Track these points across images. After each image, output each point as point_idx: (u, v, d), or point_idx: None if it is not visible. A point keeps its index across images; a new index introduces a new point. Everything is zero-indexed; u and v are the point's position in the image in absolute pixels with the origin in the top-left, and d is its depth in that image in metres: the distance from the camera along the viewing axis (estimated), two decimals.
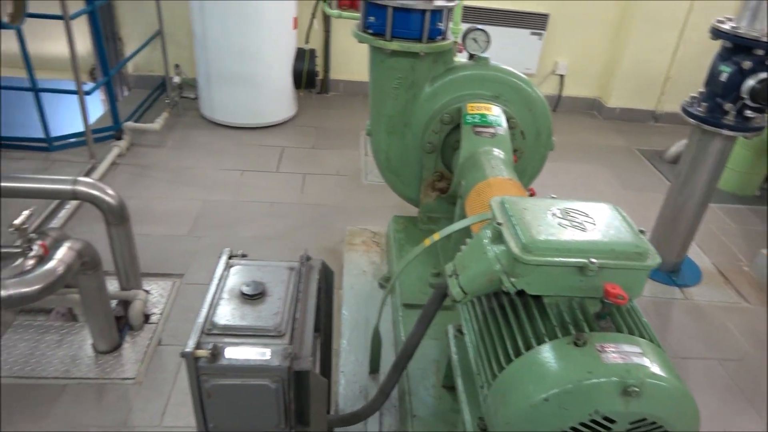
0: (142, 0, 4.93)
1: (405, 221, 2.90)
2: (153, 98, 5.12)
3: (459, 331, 1.78)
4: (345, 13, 3.44)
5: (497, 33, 2.97)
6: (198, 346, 1.35)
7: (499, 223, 1.30)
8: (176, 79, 4.84)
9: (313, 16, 4.88)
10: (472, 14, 5.10)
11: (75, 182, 2.46)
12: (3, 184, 2.46)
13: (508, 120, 2.40)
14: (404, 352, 1.57)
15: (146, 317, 2.74)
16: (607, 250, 1.21)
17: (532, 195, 2.54)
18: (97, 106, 4.93)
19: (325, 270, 1.71)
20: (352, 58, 5.40)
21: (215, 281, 1.56)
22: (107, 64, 4.23)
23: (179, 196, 3.72)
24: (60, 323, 2.69)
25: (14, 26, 3.03)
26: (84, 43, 4.90)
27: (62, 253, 2.09)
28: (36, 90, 3.90)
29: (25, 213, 2.30)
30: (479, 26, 2.49)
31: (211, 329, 1.39)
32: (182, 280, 3.00)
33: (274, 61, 4.57)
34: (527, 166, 2.63)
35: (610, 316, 1.26)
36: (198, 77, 4.74)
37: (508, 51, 5.01)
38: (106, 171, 3.89)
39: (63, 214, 3.31)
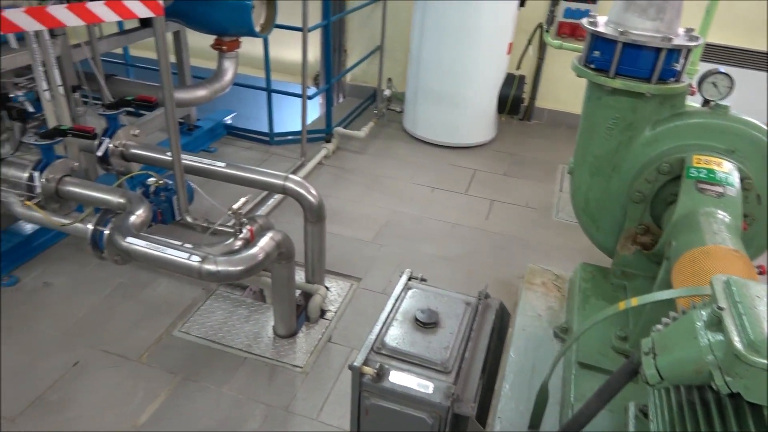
0: (370, 17, 5.31)
1: (594, 271, 2.67)
2: (363, 107, 5.48)
3: (642, 412, 1.56)
4: (566, 44, 3.29)
5: (740, 75, 2.58)
6: (366, 362, 1.36)
7: (720, 308, 1.10)
8: (387, 92, 5.12)
9: (529, 42, 4.79)
10: (713, 54, 4.53)
11: (286, 179, 2.72)
12: (229, 171, 2.82)
13: (742, 180, 2.06)
14: (575, 421, 1.42)
15: (322, 312, 2.91)
16: None
17: (761, 273, 2.16)
18: (314, 109, 5.43)
19: (502, 312, 1.63)
20: (561, 86, 5.18)
21: (392, 300, 1.57)
22: (330, 73, 4.63)
23: (371, 203, 3.91)
24: (251, 300, 2.99)
25: (263, 35, 3.46)
26: (313, 52, 5.44)
27: (264, 241, 2.31)
28: (269, 91, 4.42)
29: (242, 200, 2.59)
30: (721, 69, 2.18)
31: (381, 348, 1.40)
32: (359, 283, 3.13)
33: (482, 83, 4.58)
34: (756, 235, 2.24)
35: None
36: (406, 92, 4.95)
37: (752, 98, 4.36)
38: (313, 169, 4.25)
39: (271, 202, 3.69)
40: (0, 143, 2.84)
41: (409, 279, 1.69)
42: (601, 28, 2.14)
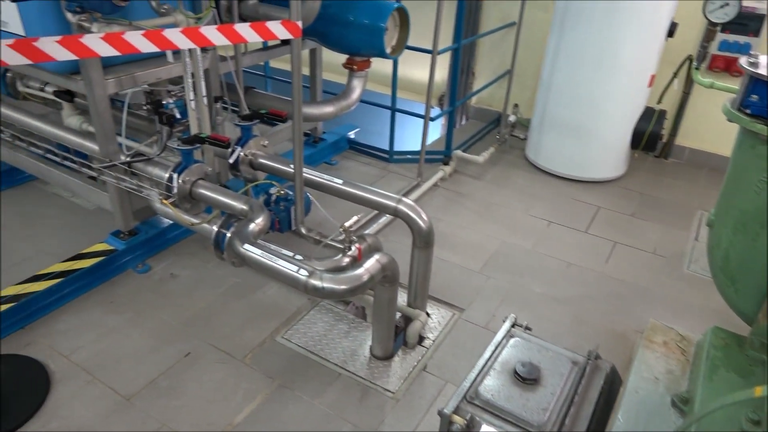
0: (502, 40, 5.23)
1: (728, 338, 2.36)
2: (485, 131, 5.39)
3: None
4: (718, 84, 2.99)
5: None
6: (457, 410, 1.30)
7: None
8: (512, 118, 4.99)
9: (675, 75, 4.43)
10: None
11: (399, 201, 2.72)
12: (345, 188, 2.89)
13: None
14: None
15: (420, 338, 2.87)
16: None
17: None
18: (436, 130, 5.44)
19: (612, 376, 1.48)
20: (707, 124, 4.72)
21: (491, 347, 1.49)
22: (456, 96, 4.61)
23: (482, 230, 3.81)
24: (352, 316, 3.03)
25: (393, 57, 3.52)
26: (440, 72, 5.45)
27: (370, 263, 2.32)
28: (393, 110, 4.49)
29: (354, 218, 2.64)
30: None
31: (474, 398, 1.33)
32: (462, 314, 3.05)
33: (616, 116, 4.30)
34: None
35: None
36: (532, 119, 4.79)
37: None
38: (427, 191, 4.24)
39: (383, 220, 3.73)
40: (150, 144, 3.16)
41: (513, 326, 1.60)
42: (762, 70, 1.90)
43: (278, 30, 2.35)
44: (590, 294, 3.25)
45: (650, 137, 4.36)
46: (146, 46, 2.07)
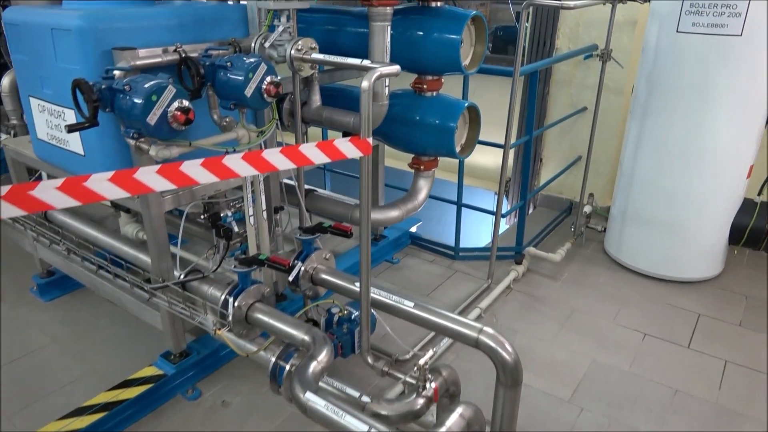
0: (573, 125, 4.93)
1: None
2: (557, 222, 5.00)
3: None
4: None
5: None
6: None
7: None
8: (587, 209, 4.61)
9: None
10: None
11: (480, 331, 2.36)
12: (418, 312, 2.56)
13: None
14: None
15: None
16: None
17: None
18: (502, 219, 5.09)
19: None
20: None
21: None
22: (527, 187, 4.28)
23: (566, 344, 3.37)
24: None
25: (462, 157, 3.26)
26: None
27: (454, 420, 1.96)
28: (460, 204, 4.20)
29: (430, 352, 2.28)
30: None
31: None
32: None
33: (710, 210, 3.85)
34: None
35: None
36: (612, 210, 4.38)
37: None
38: (500, 295, 3.85)
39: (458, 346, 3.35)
40: (207, 257, 2.96)
41: None
42: None
43: (348, 149, 2.12)
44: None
45: (752, 232, 3.87)
46: (205, 177, 1.86)
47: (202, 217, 3.01)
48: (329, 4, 3.58)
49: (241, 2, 2.87)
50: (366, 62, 2.29)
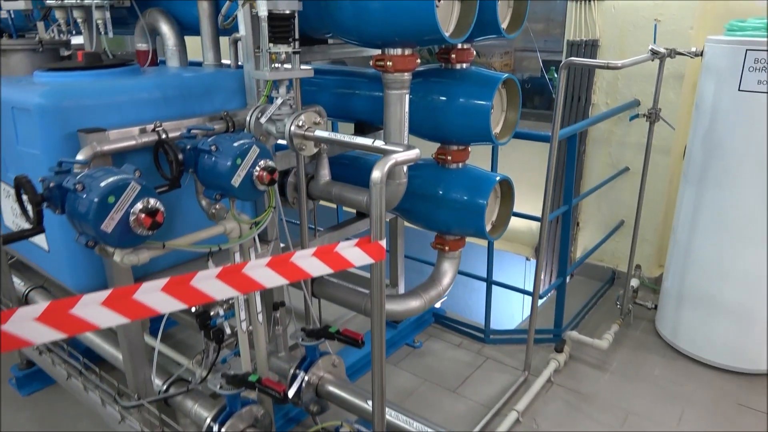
0: (612, 188, 4.45)
1: None
2: (598, 295, 4.45)
3: None
4: None
5: None
6: None
7: None
8: (634, 283, 4.07)
9: None
10: None
11: None
12: None
13: None
14: None
15: None
16: None
17: None
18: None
19: None
20: None
21: None
22: (566, 261, 3.78)
23: None
24: None
25: (494, 238, 2.81)
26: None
27: None
28: (490, 282, 3.72)
29: None
30: None
31: None
32: None
33: None
34: None
35: None
36: (665, 285, 3.83)
37: None
38: (539, 391, 3.30)
39: None
40: (193, 364, 2.51)
41: None
42: None
43: (357, 256, 1.68)
44: None
45: None
46: (170, 306, 1.44)
47: (188, 316, 2.58)
48: (340, 66, 3.23)
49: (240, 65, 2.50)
50: (379, 143, 1.87)
